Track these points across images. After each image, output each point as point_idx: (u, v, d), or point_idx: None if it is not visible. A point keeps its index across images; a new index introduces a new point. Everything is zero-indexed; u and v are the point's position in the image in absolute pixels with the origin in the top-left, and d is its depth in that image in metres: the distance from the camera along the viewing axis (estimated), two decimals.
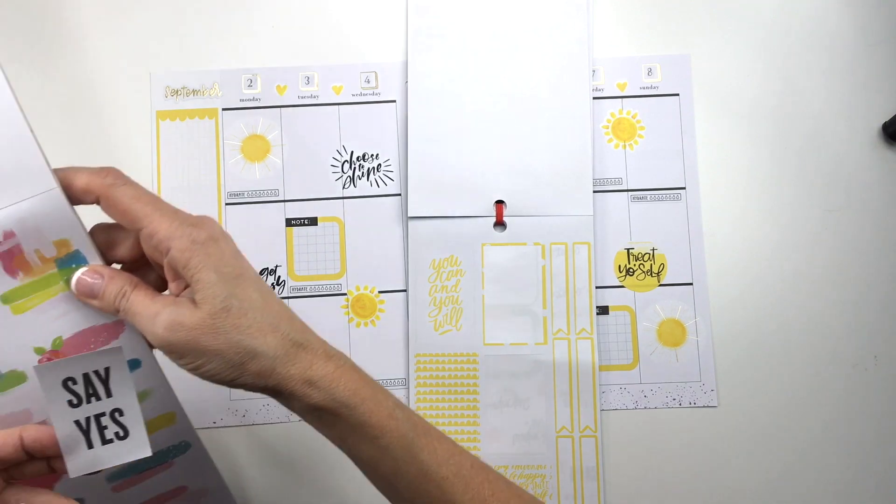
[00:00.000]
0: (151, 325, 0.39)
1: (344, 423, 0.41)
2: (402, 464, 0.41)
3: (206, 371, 0.39)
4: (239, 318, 0.40)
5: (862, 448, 0.57)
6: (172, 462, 0.47)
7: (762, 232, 0.59)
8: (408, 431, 0.41)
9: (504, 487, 0.42)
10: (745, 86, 0.61)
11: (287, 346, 0.40)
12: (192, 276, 0.40)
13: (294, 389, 0.40)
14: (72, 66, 0.59)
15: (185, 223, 0.40)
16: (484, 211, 0.57)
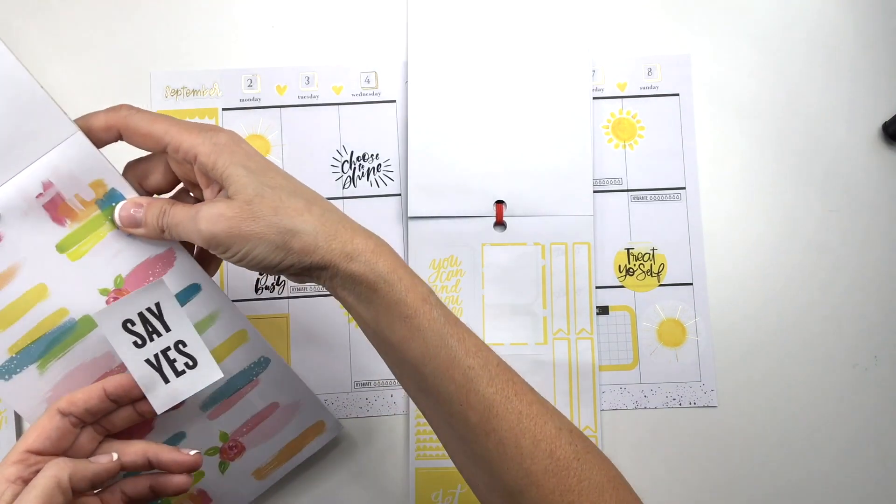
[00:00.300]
0: (194, 225, 0.41)
1: (381, 300, 0.41)
2: (432, 347, 0.40)
3: (254, 257, 0.40)
4: (274, 202, 0.41)
5: (862, 448, 0.57)
6: (258, 380, 0.48)
7: (762, 232, 0.59)
8: (439, 316, 0.41)
9: (528, 391, 0.42)
10: (745, 86, 0.61)
11: (325, 221, 0.41)
12: (221, 175, 0.41)
13: (338, 263, 0.40)
14: (72, 66, 0.59)
15: (205, 130, 0.42)
16: (484, 211, 0.57)
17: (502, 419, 0.40)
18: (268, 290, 0.57)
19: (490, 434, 0.40)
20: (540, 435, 0.40)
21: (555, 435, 0.40)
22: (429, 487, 0.55)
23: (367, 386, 0.57)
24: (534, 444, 0.40)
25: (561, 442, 0.40)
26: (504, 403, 0.40)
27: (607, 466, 0.41)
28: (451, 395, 0.40)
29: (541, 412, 0.41)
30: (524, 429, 0.40)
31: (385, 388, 0.57)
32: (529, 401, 0.41)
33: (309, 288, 0.57)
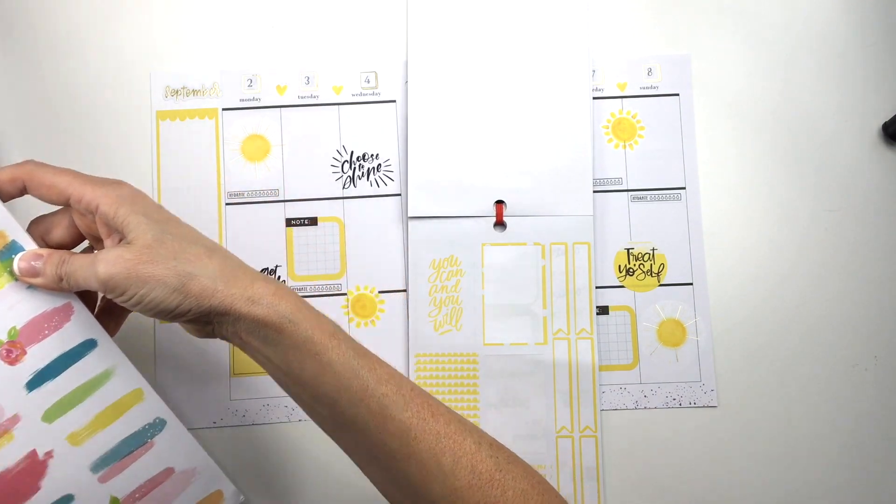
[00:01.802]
0: (92, 270, 0.41)
1: (288, 339, 0.41)
2: (345, 380, 0.41)
3: (151, 301, 0.40)
4: (174, 247, 0.41)
5: (862, 448, 0.57)
6: (152, 442, 0.47)
7: (762, 232, 0.59)
8: (349, 349, 0.42)
9: (445, 411, 0.43)
10: (744, 86, 0.61)
11: (225, 267, 0.42)
12: (122, 222, 0.41)
13: (238, 307, 0.41)
14: (72, 66, 0.59)
15: (108, 183, 0.43)
16: (484, 211, 0.57)
17: (421, 441, 0.41)
18: None
19: (411, 457, 0.41)
20: (460, 452, 0.41)
21: (474, 450, 0.41)
22: None
23: None
24: (454, 461, 0.41)
25: (481, 456, 0.41)
26: (421, 426, 0.41)
27: (531, 474, 0.42)
28: (368, 424, 0.41)
29: (459, 430, 0.42)
30: (444, 448, 0.41)
31: None
32: (447, 420, 0.42)
33: (309, 288, 0.57)
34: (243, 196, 0.58)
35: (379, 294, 0.58)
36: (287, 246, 0.58)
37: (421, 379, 0.56)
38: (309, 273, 0.58)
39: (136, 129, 0.59)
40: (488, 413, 0.56)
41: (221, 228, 0.58)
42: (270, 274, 0.57)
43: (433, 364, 0.56)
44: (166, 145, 0.58)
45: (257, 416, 0.56)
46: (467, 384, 0.56)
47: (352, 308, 0.57)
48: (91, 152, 0.58)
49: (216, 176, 0.58)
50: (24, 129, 0.58)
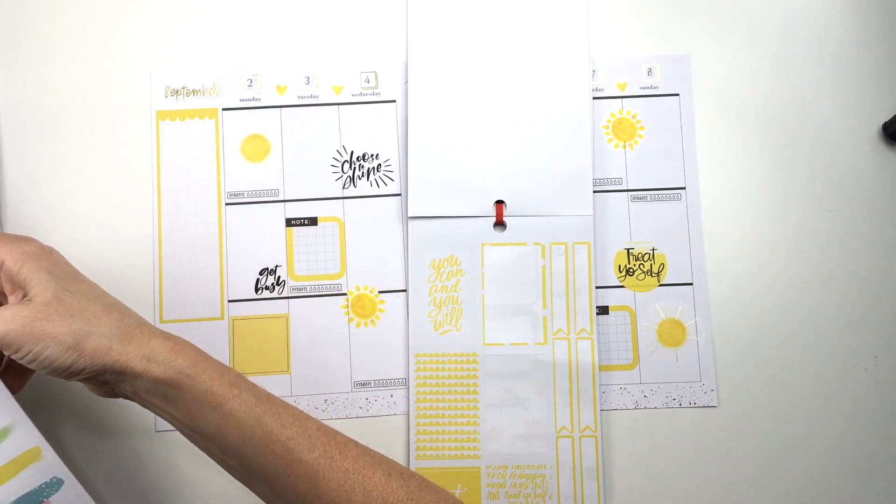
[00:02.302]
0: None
1: (187, 394, 0.41)
2: (248, 428, 0.41)
3: (45, 358, 0.40)
4: (72, 305, 0.41)
5: (862, 448, 0.57)
6: (49, 501, 0.45)
7: (762, 232, 0.59)
8: (250, 397, 0.42)
9: (353, 447, 0.43)
10: (744, 86, 0.61)
11: (122, 325, 0.42)
12: (25, 279, 0.42)
13: (134, 366, 0.41)
14: (72, 66, 0.59)
15: (17, 240, 0.43)
16: (484, 211, 0.57)
17: (330, 480, 0.41)
18: (268, 290, 0.57)
19: (321, 497, 0.41)
20: (370, 486, 0.41)
21: (384, 482, 0.42)
22: None
23: (367, 386, 0.57)
24: (364, 496, 0.41)
25: (392, 487, 0.42)
26: (329, 465, 0.42)
27: (444, 498, 0.43)
28: (276, 469, 0.41)
29: (367, 464, 0.42)
30: (353, 484, 0.41)
31: (385, 388, 0.57)
32: (354, 455, 0.42)
33: (309, 288, 0.57)
34: (243, 196, 0.58)
35: (379, 294, 0.58)
36: (287, 246, 0.58)
37: (421, 379, 0.56)
38: (309, 273, 0.58)
39: (136, 129, 0.59)
40: (488, 413, 0.56)
41: (221, 228, 0.58)
42: (270, 274, 0.57)
43: (433, 364, 0.56)
44: (166, 145, 0.58)
45: None
46: (467, 384, 0.56)
47: (352, 308, 0.57)
48: (91, 152, 0.58)
49: (216, 176, 0.58)
50: (24, 129, 0.58)
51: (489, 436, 0.56)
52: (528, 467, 0.55)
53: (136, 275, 0.57)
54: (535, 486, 0.55)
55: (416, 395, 0.56)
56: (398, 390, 0.57)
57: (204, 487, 0.55)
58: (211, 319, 0.57)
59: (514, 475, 0.55)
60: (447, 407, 0.56)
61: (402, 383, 0.57)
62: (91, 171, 0.58)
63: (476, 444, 0.56)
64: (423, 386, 0.56)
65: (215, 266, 0.57)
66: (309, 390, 0.56)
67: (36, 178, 0.58)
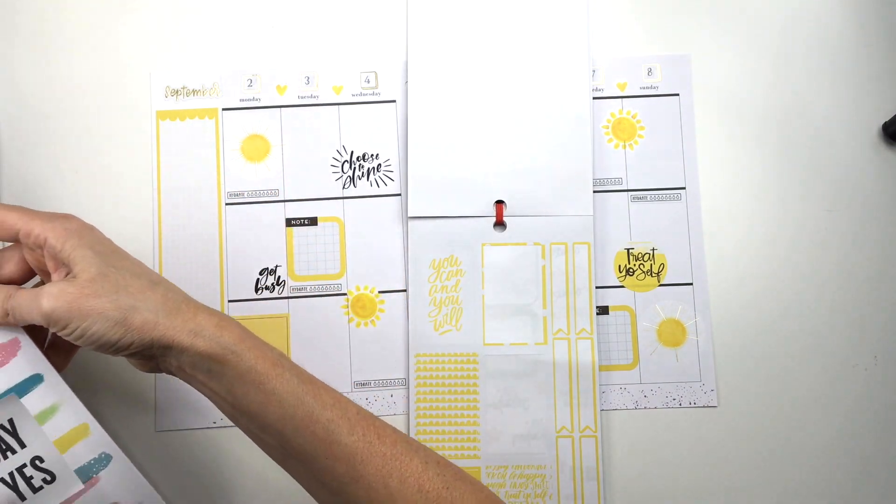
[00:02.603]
0: (36, 304, 0.41)
1: (232, 370, 0.42)
2: (289, 407, 0.42)
3: (93, 334, 0.41)
4: (117, 281, 0.42)
5: (862, 448, 0.57)
6: (97, 477, 0.46)
7: (762, 232, 0.59)
8: (293, 377, 0.42)
9: (391, 432, 0.43)
10: (744, 86, 0.61)
11: (168, 300, 0.42)
12: (68, 256, 0.42)
13: (181, 340, 0.41)
14: (72, 66, 0.59)
15: (57, 217, 0.44)
16: (484, 211, 0.57)
17: (368, 464, 0.41)
18: (268, 290, 0.57)
19: (358, 481, 0.41)
20: (407, 472, 0.42)
21: (421, 470, 0.42)
22: None
23: (367, 386, 0.57)
24: (401, 482, 0.41)
25: (429, 475, 0.42)
26: (367, 448, 0.42)
27: (478, 489, 0.43)
28: (315, 450, 0.42)
29: (405, 450, 0.42)
30: (390, 469, 0.41)
31: (385, 388, 0.57)
32: (393, 441, 0.42)
33: (309, 288, 0.57)
34: (243, 196, 0.58)
35: (379, 294, 0.58)
36: (287, 246, 0.58)
37: (421, 379, 0.56)
38: (309, 273, 0.58)
39: (136, 129, 0.59)
40: (488, 413, 0.56)
41: (221, 228, 0.58)
42: (270, 274, 0.57)
43: (433, 364, 0.56)
44: (166, 145, 0.58)
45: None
46: (467, 384, 0.56)
47: (352, 308, 0.57)
48: (91, 152, 0.58)
49: (216, 176, 0.58)
50: (25, 129, 0.58)
51: (489, 436, 0.56)
52: (528, 467, 0.56)
53: None
54: (535, 486, 0.55)
55: (416, 395, 0.56)
56: (398, 390, 0.57)
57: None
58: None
59: (514, 475, 0.55)
60: (447, 407, 0.56)
61: (402, 383, 0.57)
62: (91, 171, 0.58)
63: (476, 444, 0.56)
64: (423, 386, 0.56)
65: (215, 266, 0.57)
66: None
67: (36, 178, 0.58)
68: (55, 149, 0.58)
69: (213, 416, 0.56)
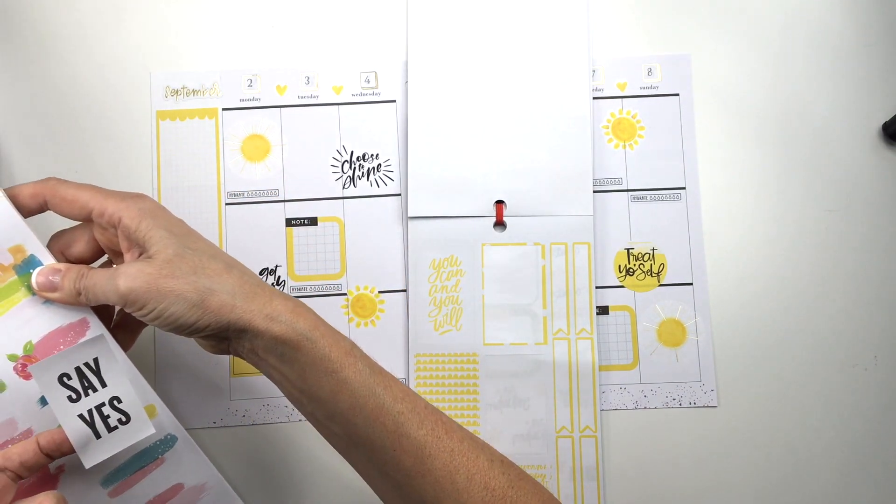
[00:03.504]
0: (112, 284, 0.41)
1: (305, 357, 0.41)
2: (360, 397, 0.41)
3: (170, 315, 0.40)
4: (194, 262, 0.41)
5: (862, 448, 0.57)
6: (163, 458, 0.47)
7: (762, 232, 0.59)
8: (364, 367, 0.42)
9: (458, 428, 0.43)
10: (745, 86, 0.61)
11: (244, 283, 0.42)
12: (144, 236, 0.42)
13: (257, 324, 0.41)
14: (71, 66, 0.59)
15: (130, 197, 0.43)
16: (484, 211, 0.57)
17: (435, 459, 0.41)
18: None
19: (425, 475, 0.41)
20: (473, 469, 0.41)
21: (487, 468, 0.42)
22: None
23: None
24: (468, 479, 0.41)
25: (494, 473, 0.42)
26: (436, 443, 0.42)
27: (540, 491, 0.43)
28: (383, 441, 0.41)
29: (472, 447, 0.42)
30: (457, 465, 0.41)
31: None
32: (460, 437, 0.42)
33: (309, 288, 0.57)
34: (243, 196, 0.58)
35: (379, 294, 0.58)
36: (287, 246, 0.58)
37: (421, 379, 0.56)
38: (309, 273, 0.58)
39: (136, 129, 0.59)
40: (488, 413, 0.56)
41: (221, 228, 0.58)
42: (270, 274, 0.57)
43: (433, 364, 0.56)
44: (166, 145, 0.58)
45: (257, 416, 0.56)
46: (467, 384, 0.56)
47: (352, 308, 0.57)
48: (91, 152, 0.58)
49: (216, 176, 0.58)
50: (25, 129, 0.58)
51: (489, 436, 0.56)
52: (528, 467, 0.55)
53: None
54: None
55: None
56: None
57: None
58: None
59: None
60: (447, 407, 0.56)
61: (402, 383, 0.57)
62: (91, 171, 0.58)
63: None
64: (423, 386, 0.56)
65: None
66: None
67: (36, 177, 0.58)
68: (55, 149, 0.58)
69: (213, 416, 0.56)
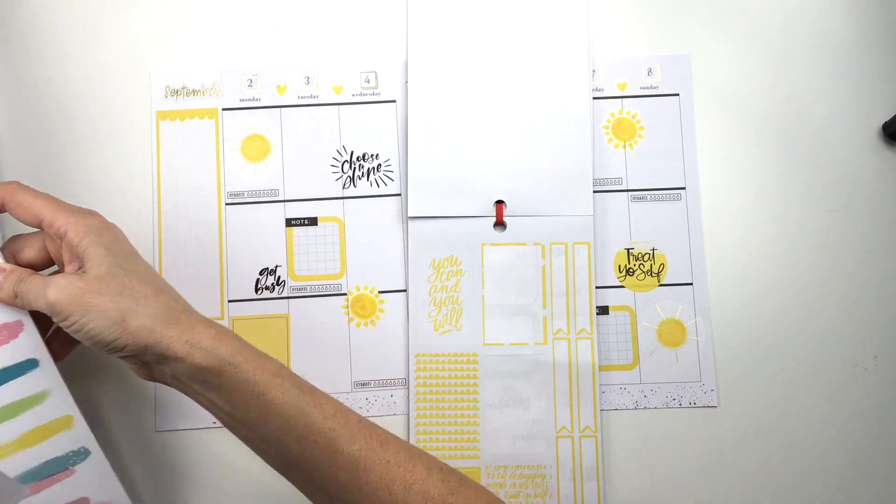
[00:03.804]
0: (42, 291, 0.42)
1: (230, 382, 0.42)
2: (290, 418, 0.42)
3: (90, 330, 0.41)
4: (123, 283, 0.42)
5: (862, 448, 0.57)
6: (73, 469, 0.46)
7: (762, 232, 0.59)
8: (292, 388, 0.43)
9: (394, 440, 0.43)
10: (744, 86, 0.61)
11: (168, 309, 0.43)
12: (83, 251, 0.43)
13: (176, 350, 0.42)
14: (72, 66, 0.59)
15: (81, 212, 0.45)
16: (484, 211, 0.57)
17: (371, 472, 0.42)
18: (268, 290, 0.57)
19: (363, 489, 0.41)
20: (411, 479, 0.42)
21: (425, 476, 0.42)
22: None
23: (367, 386, 0.57)
24: (406, 489, 0.41)
25: (433, 481, 0.42)
26: (370, 456, 0.42)
27: (483, 494, 0.43)
28: (317, 459, 0.42)
29: (408, 457, 0.43)
30: (394, 477, 0.42)
31: (385, 388, 0.57)
32: (396, 449, 0.43)
33: (309, 288, 0.57)
34: (243, 196, 0.58)
35: (379, 294, 0.58)
36: (287, 246, 0.58)
37: (421, 379, 0.56)
38: (309, 273, 0.58)
39: (136, 129, 0.59)
40: (488, 413, 0.56)
41: (221, 228, 0.58)
42: (270, 274, 0.57)
43: (433, 364, 0.56)
44: (166, 145, 0.58)
45: None
46: (467, 384, 0.56)
47: (352, 308, 0.57)
48: (91, 152, 0.58)
49: (216, 176, 0.58)
50: (25, 129, 0.58)
51: (489, 436, 0.56)
52: (527, 467, 0.56)
53: None
54: (534, 487, 0.55)
55: (416, 395, 0.56)
56: (398, 390, 0.57)
57: None
58: (211, 319, 0.57)
59: (513, 475, 0.55)
60: (447, 407, 0.56)
61: (402, 383, 0.57)
62: (91, 171, 0.58)
63: (476, 444, 0.56)
64: (423, 386, 0.56)
65: (215, 266, 0.57)
66: None
67: (36, 177, 0.58)
68: (55, 149, 0.58)
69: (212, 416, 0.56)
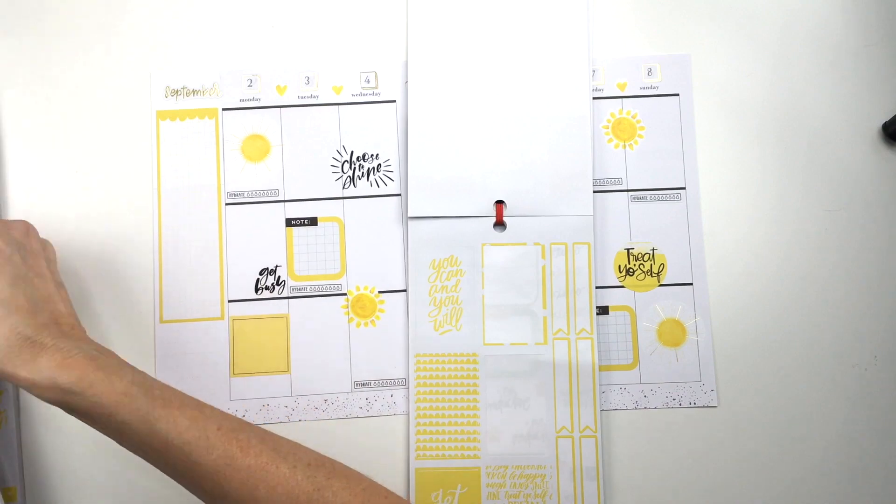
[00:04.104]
0: None
1: (78, 409, 0.42)
2: (145, 436, 0.42)
3: None
4: None
5: (862, 448, 0.57)
6: None
7: (762, 232, 0.59)
8: (143, 405, 0.42)
9: (257, 443, 0.43)
10: (745, 86, 0.61)
11: (12, 338, 0.42)
12: None
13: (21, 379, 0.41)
14: (72, 66, 0.59)
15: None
16: (484, 211, 0.57)
17: (232, 479, 0.42)
18: (268, 290, 0.57)
19: (226, 497, 0.42)
20: (274, 481, 0.42)
21: (288, 475, 0.42)
22: (429, 487, 0.55)
23: (367, 386, 0.57)
24: (269, 491, 0.42)
25: (297, 479, 0.42)
26: (229, 464, 0.42)
27: (353, 483, 0.43)
28: (176, 473, 0.42)
29: (271, 459, 0.42)
30: (256, 481, 0.42)
31: (385, 388, 0.57)
32: (257, 452, 0.43)
33: (309, 288, 0.57)
34: (243, 196, 0.58)
35: (379, 294, 0.58)
36: (287, 246, 0.58)
37: (421, 379, 0.56)
38: (309, 273, 0.58)
39: (136, 129, 0.59)
40: (488, 413, 0.56)
41: (221, 228, 0.58)
42: (270, 274, 0.57)
43: (433, 364, 0.56)
44: (166, 145, 0.58)
45: (257, 416, 0.56)
46: (467, 384, 0.56)
47: (352, 308, 0.57)
48: (91, 152, 0.58)
49: (216, 176, 0.58)
50: (25, 128, 0.58)
51: (489, 436, 0.56)
52: (528, 467, 0.56)
53: (136, 275, 0.57)
54: (535, 486, 0.55)
55: (416, 395, 0.56)
56: (398, 390, 0.57)
57: None
58: (211, 319, 0.57)
59: (514, 475, 0.55)
60: (447, 407, 0.56)
61: (402, 383, 0.57)
62: (91, 171, 0.58)
63: (476, 444, 0.56)
64: (423, 386, 0.56)
65: (215, 266, 0.57)
66: (309, 390, 0.56)
67: (37, 177, 0.58)
68: (55, 149, 0.58)
69: None
